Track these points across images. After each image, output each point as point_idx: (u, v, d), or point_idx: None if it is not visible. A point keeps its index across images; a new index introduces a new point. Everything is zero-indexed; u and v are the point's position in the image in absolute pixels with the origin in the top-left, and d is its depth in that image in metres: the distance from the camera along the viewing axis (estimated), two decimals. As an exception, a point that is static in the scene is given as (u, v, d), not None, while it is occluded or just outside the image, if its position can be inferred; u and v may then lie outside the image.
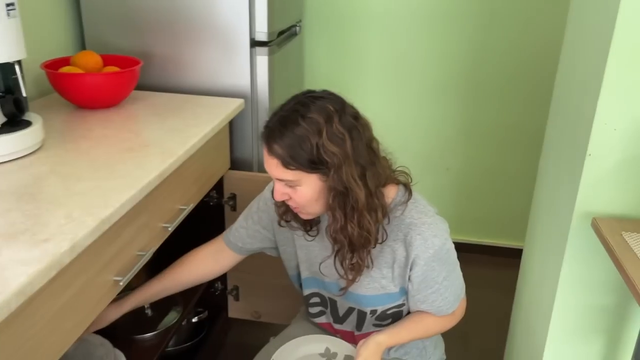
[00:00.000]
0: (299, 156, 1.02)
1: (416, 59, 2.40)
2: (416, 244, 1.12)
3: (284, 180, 1.07)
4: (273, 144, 1.04)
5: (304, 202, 1.09)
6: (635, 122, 1.01)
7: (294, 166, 1.03)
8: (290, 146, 1.02)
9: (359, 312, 1.26)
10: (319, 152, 1.01)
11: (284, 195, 1.10)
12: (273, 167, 1.06)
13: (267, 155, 1.07)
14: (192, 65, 1.82)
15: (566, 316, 1.18)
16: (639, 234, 1.00)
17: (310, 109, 1.03)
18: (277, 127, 1.04)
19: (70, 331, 0.98)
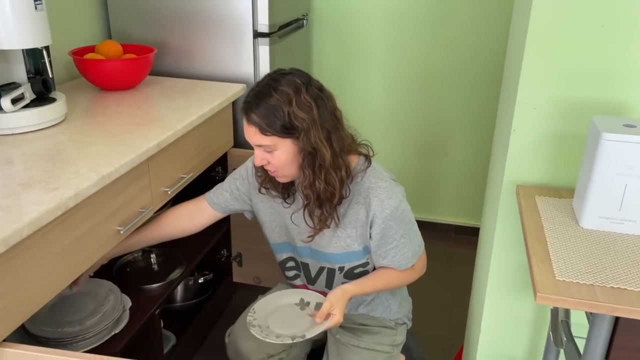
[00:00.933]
0: (273, 123, 1.21)
1: (419, 50, 2.55)
2: (374, 204, 1.29)
3: (262, 145, 1.25)
4: (251, 113, 1.23)
5: (280, 165, 1.28)
6: (551, 102, 1.16)
7: (269, 132, 1.22)
8: (266, 115, 1.21)
9: (329, 270, 1.42)
10: (290, 118, 1.20)
11: (263, 160, 1.28)
12: (252, 134, 1.25)
13: (246, 124, 1.26)
14: (202, 54, 2.04)
15: (501, 272, 1.33)
16: (551, 198, 1.16)
17: (281, 83, 1.22)
18: (254, 99, 1.23)
19: (77, 265, 1.21)
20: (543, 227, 1.04)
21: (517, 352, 1.41)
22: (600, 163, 0.98)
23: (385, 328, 1.50)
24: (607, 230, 1.03)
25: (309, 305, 1.39)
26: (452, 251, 2.73)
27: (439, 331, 2.15)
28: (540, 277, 0.88)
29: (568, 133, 1.18)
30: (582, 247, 0.97)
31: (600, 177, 0.99)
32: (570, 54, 1.12)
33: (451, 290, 2.40)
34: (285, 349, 1.53)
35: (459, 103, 2.61)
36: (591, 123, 1.04)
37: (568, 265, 0.92)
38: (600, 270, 0.90)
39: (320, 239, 1.39)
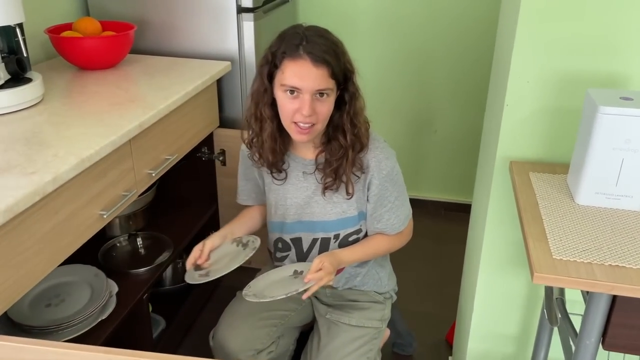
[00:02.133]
0: (339, 66, 1.18)
1: (406, 25, 2.50)
2: (372, 165, 1.30)
3: (324, 89, 1.18)
4: (324, 53, 1.15)
5: (326, 115, 1.22)
6: (545, 75, 1.13)
7: (335, 75, 1.18)
8: (337, 57, 1.18)
9: (322, 240, 1.40)
10: (346, 65, 1.20)
11: (311, 110, 1.18)
12: (319, 77, 1.16)
13: (312, 66, 1.15)
14: (184, 31, 1.97)
15: (494, 249, 1.31)
16: (545, 174, 1.13)
17: (326, 32, 1.22)
18: (321, 40, 1.17)
19: (59, 251, 1.17)
20: (538, 204, 1.01)
21: (510, 329, 1.40)
22: (597, 137, 0.95)
23: (374, 303, 1.49)
24: (603, 207, 1.00)
25: (302, 273, 1.37)
26: (442, 228, 2.72)
27: (429, 309, 2.14)
28: (536, 256, 0.85)
29: (562, 107, 1.15)
30: (578, 225, 0.95)
31: (596, 152, 0.96)
32: (564, 26, 1.09)
33: (441, 267, 2.39)
34: (274, 341, 1.49)
35: (448, 79, 2.57)
36: (586, 96, 1.01)
37: (565, 243, 0.89)
38: (598, 248, 0.88)
39: (315, 208, 1.37)
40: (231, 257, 1.38)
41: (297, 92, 1.18)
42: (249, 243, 1.41)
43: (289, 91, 1.19)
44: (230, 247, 1.43)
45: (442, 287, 2.26)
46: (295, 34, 1.18)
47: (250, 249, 1.37)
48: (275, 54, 1.20)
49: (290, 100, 1.20)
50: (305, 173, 1.37)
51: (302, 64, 1.15)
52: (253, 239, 1.42)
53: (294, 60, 1.15)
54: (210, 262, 1.38)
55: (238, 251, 1.40)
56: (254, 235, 1.45)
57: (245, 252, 1.36)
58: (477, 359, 1.46)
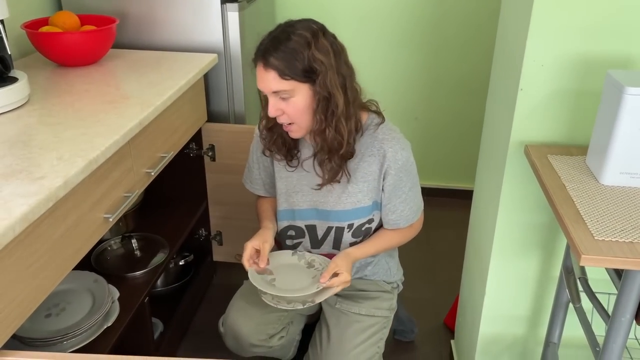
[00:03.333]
0: (293, 66, 1.16)
1: (385, 10, 2.48)
2: (388, 155, 1.29)
3: (280, 91, 1.19)
4: (269, 57, 1.17)
5: (296, 114, 1.23)
6: (560, 58, 1.14)
7: (289, 76, 1.17)
8: (285, 58, 1.16)
9: (337, 229, 1.39)
10: (310, 61, 1.17)
11: (278, 111, 1.23)
12: (270, 80, 1.18)
13: (263, 71, 1.19)
14: (166, 23, 1.89)
15: (507, 233, 1.33)
16: (563, 156, 1.15)
17: (297, 27, 1.19)
18: (271, 44, 1.18)
19: (68, 259, 1.11)
20: (565, 187, 1.02)
21: (522, 311, 1.43)
22: (623, 118, 0.97)
23: (383, 292, 1.50)
24: (629, 186, 1.02)
25: (315, 267, 1.38)
26: (426, 213, 2.74)
27: (425, 294, 2.16)
28: (579, 238, 0.86)
29: (577, 90, 1.17)
30: (609, 205, 0.97)
31: (622, 133, 0.98)
32: (579, 8, 1.10)
33: (432, 252, 2.42)
34: (285, 326, 1.50)
35: (428, 66, 2.58)
36: (607, 77, 1.03)
37: (602, 224, 0.91)
38: (635, 227, 0.90)
39: (329, 197, 1.36)
40: (298, 276, 1.36)
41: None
42: (314, 264, 1.39)
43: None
44: (291, 259, 1.42)
45: (436, 272, 2.29)
46: (264, 37, 1.22)
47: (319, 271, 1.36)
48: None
49: (266, 103, 1.25)
50: (305, 159, 1.38)
51: (258, 68, 1.21)
52: (321, 261, 1.39)
53: (255, 66, 1.23)
54: (270, 267, 1.37)
55: (305, 271, 1.38)
56: (320, 255, 1.41)
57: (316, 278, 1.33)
58: (488, 341, 1.48)
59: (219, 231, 2.06)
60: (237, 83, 1.97)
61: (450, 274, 2.18)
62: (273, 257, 1.39)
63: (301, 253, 1.43)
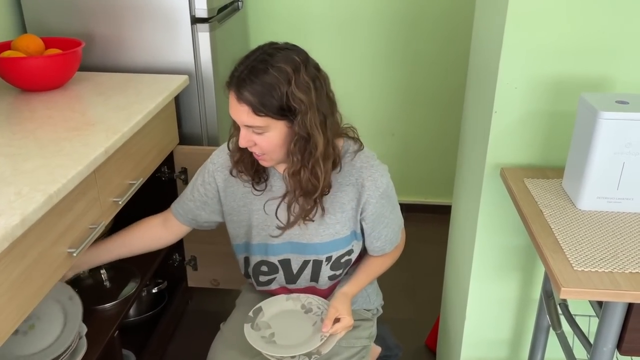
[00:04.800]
0: (269, 103, 1.08)
1: (360, 27, 2.48)
2: (367, 185, 1.23)
3: (253, 126, 1.12)
4: (243, 91, 1.08)
5: (269, 148, 1.15)
6: (533, 80, 1.13)
7: (263, 113, 1.09)
8: (261, 94, 1.07)
9: (314, 263, 1.32)
10: (288, 99, 1.08)
11: (249, 142, 1.15)
12: (243, 114, 1.10)
13: (235, 103, 1.10)
14: (135, 44, 1.85)
15: (485, 256, 1.31)
16: (539, 180, 1.13)
17: (278, 59, 1.09)
18: (247, 75, 1.08)
19: (29, 298, 1.05)
20: (542, 213, 1.00)
21: (503, 334, 1.40)
22: (597, 143, 0.95)
23: (363, 321, 1.45)
24: (606, 210, 1.01)
25: (311, 309, 1.32)
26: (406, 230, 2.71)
27: (405, 314, 2.13)
28: (558, 269, 0.84)
29: (551, 111, 1.16)
30: (587, 232, 0.95)
31: (598, 157, 0.97)
32: (550, 31, 1.09)
33: (412, 270, 2.40)
34: None
35: (404, 83, 2.58)
36: (580, 101, 1.01)
37: (581, 253, 0.89)
38: (614, 256, 0.88)
39: (305, 230, 1.29)
40: (297, 325, 1.28)
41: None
42: (312, 307, 1.31)
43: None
44: (287, 305, 1.33)
45: (416, 291, 2.26)
46: (239, 63, 1.13)
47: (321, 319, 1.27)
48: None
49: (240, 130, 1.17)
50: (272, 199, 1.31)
51: (230, 97, 1.13)
52: (319, 303, 1.31)
53: (228, 91, 1.13)
54: (266, 319, 1.29)
55: (303, 318, 1.30)
56: (318, 297, 1.33)
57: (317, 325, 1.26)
58: (470, 366, 1.45)
59: (194, 256, 2.00)
60: (209, 104, 1.93)
61: (431, 293, 2.16)
62: (267, 305, 1.31)
63: (295, 296, 1.35)
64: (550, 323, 1.11)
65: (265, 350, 1.19)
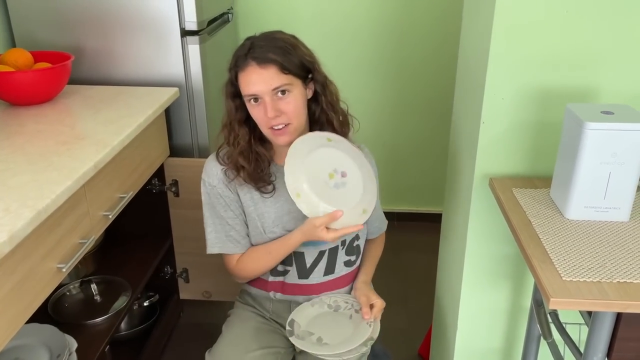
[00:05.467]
0: (291, 61, 1.17)
1: (350, 38, 2.49)
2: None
3: (280, 87, 1.16)
4: (267, 54, 1.16)
5: (294, 110, 1.19)
6: (520, 91, 1.14)
7: (288, 70, 1.17)
8: (283, 53, 1.17)
9: (330, 251, 1.33)
10: (304, 57, 1.20)
11: (276, 111, 1.18)
12: (270, 76, 1.16)
13: (259, 70, 1.16)
14: (125, 57, 1.85)
15: (476, 265, 1.31)
16: (527, 189, 1.14)
17: (275, 33, 1.23)
18: (265, 43, 1.18)
19: (18, 315, 1.04)
20: (531, 223, 1.01)
21: (495, 344, 1.41)
22: (584, 153, 0.96)
23: None
24: (593, 220, 1.02)
25: (339, 306, 1.34)
26: (397, 238, 2.72)
27: (398, 323, 2.13)
28: (547, 279, 0.84)
29: (538, 122, 1.17)
30: (575, 241, 0.96)
31: (584, 168, 0.97)
32: (536, 43, 1.10)
33: (404, 279, 2.40)
34: None
35: (393, 92, 2.60)
36: (566, 112, 1.02)
37: (569, 262, 0.89)
38: (602, 265, 0.89)
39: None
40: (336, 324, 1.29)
41: (258, 97, 1.18)
42: (338, 303, 1.34)
43: (253, 99, 1.19)
44: (314, 310, 1.33)
45: (408, 299, 2.26)
46: (242, 46, 1.21)
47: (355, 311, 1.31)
48: (231, 71, 1.22)
49: (256, 108, 1.20)
50: None
51: (250, 70, 1.17)
52: (342, 299, 1.35)
53: (243, 70, 1.18)
54: (304, 328, 1.28)
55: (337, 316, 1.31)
56: (332, 293, 1.36)
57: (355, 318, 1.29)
58: (462, 376, 1.45)
59: (185, 268, 1.99)
60: (200, 116, 1.93)
61: (423, 301, 2.16)
62: (298, 316, 1.31)
63: (317, 300, 1.35)
64: (541, 332, 1.12)
65: (330, 351, 1.19)
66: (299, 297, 1.37)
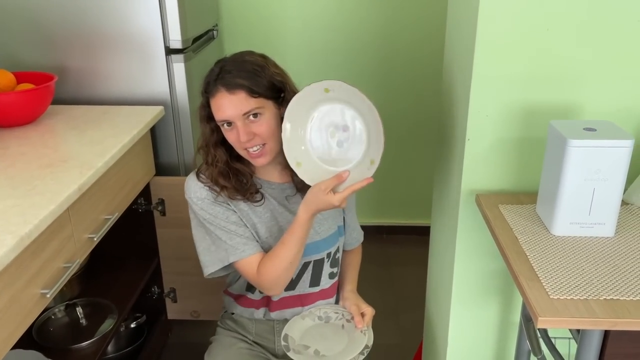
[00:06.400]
0: (260, 83, 1.15)
1: (335, 55, 2.50)
2: None
3: (250, 111, 1.15)
4: (235, 79, 1.15)
5: (269, 132, 1.18)
6: (503, 108, 1.15)
7: (257, 93, 1.15)
8: (251, 76, 1.15)
9: (315, 264, 1.32)
10: (273, 77, 1.18)
11: (249, 134, 1.17)
12: (239, 101, 1.15)
13: (228, 96, 1.15)
14: (109, 76, 1.84)
15: (465, 281, 1.31)
16: (514, 205, 1.14)
17: (245, 54, 1.21)
18: (232, 67, 1.17)
19: (2, 342, 1.02)
20: (518, 240, 1.01)
21: (486, 359, 1.40)
22: (568, 170, 0.97)
23: None
24: (579, 235, 1.02)
25: (329, 319, 1.34)
26: (386, 252, 2.72)
27: (388, 339, 2.11)
28: (534, 298, 0.84)
29: (522, 138, 1.18)
30: (562, 258, 0.96)
31: (569, 184, 0.98)
32: (519, 60, 1.11)
33: (392, 293, 2.39)
34: None
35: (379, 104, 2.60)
36: (549, 128, 1.03)
37: (556, 280, 0.89)
38: (588, 282, 0.89)
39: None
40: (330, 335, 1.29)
41: (231, 122, 1.18)
42: (328, 314, 1.34)
43: (226, 124, 1.19)
44: (306, 323, 1.32)
45: (398, 315, 2.25)
46: (211, 72, 1.21)
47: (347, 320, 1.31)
48: (203, 95, 1.23)
49: (230, 132, 1.20)
50: (290, 197, 1.30)
51: (220, 96, 1.17)
52: (331, 310, 1.35)
53: (214, 96, 1.18)
54: (298, 341, 1.28)
55: (329, 327, 1.31)
56: (321, 305, 1.36)
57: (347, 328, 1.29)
58: (454, 392, 1.44)
59: (173, 288, 1.97)
60: (185, 134, 1.92)
61: (414, 315, 2.15)
62: (290, 330, 1.29)
63: (306, 312, 1.35)
64: (531, 348, 1.12)
65: None
66: (286, 311, 1.36)
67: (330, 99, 1.12)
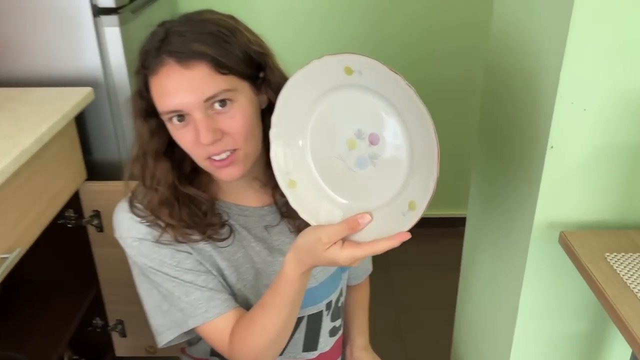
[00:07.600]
0: (230, 53, 0.79)
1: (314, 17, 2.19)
2: None
3: (216, 94, 0.77)
4: (192, 43, 0.77)
5: (244, 129, 0.80)
6: (610, 99, 0.77)
7: (226, 68, 0.78)
8: (217, 41, 0.78)
9: (310, 319, 0.97)
10: (248, 47, 0.81)
11: (216, 133, 0.79)
12: (199, 80, 0.77)
13: (181, 69, 0.77)
14: (21, 49, 1.44)
15: (529, 348, 0.95)
16: (627, 254, 0.74)
17: (204, 13, 0.84)
18: (189, 27, 0.79)
19: None
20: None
21: None
22: None
23: None
24: None
25: None
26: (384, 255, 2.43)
27: None
28: None
29: (637, 144, 0.79)
30: None
31: None
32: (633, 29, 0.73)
33: (394, 304, 2.09)
34: None
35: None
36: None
37: None
38: None
39: None
40: None
41: (184, 114, 0.80)
42: None
43: (175, 118, 0.80)
44: None
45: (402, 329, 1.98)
46: (153, 34, 0.82)
47: None
48: (138, 75, 0.83)
49: (182, 131, 0.81)
50: (271, 227, 0.93)
51: (166, 72, 0.78)
52: None
53: (156, 74, 0.79)
54: None
55: None
56: None
57: None
58: None
59: (120, 320, 1.61)
60: (126, 123, 1.53)
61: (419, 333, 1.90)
62: None
63: None
64: None
65: None
66: None
67: (353, 86, 0.65)
